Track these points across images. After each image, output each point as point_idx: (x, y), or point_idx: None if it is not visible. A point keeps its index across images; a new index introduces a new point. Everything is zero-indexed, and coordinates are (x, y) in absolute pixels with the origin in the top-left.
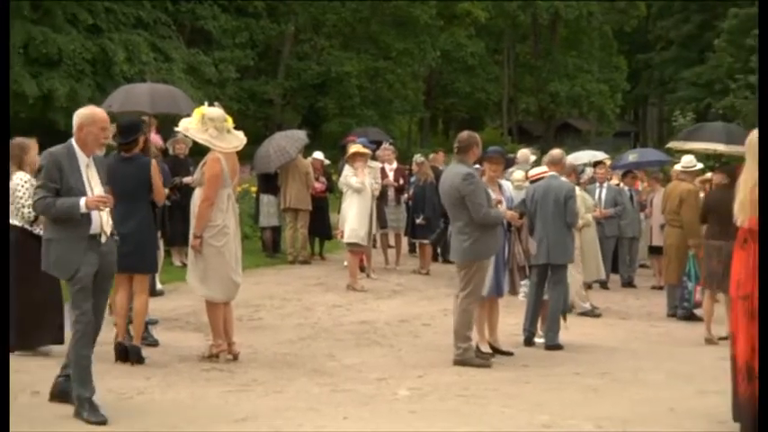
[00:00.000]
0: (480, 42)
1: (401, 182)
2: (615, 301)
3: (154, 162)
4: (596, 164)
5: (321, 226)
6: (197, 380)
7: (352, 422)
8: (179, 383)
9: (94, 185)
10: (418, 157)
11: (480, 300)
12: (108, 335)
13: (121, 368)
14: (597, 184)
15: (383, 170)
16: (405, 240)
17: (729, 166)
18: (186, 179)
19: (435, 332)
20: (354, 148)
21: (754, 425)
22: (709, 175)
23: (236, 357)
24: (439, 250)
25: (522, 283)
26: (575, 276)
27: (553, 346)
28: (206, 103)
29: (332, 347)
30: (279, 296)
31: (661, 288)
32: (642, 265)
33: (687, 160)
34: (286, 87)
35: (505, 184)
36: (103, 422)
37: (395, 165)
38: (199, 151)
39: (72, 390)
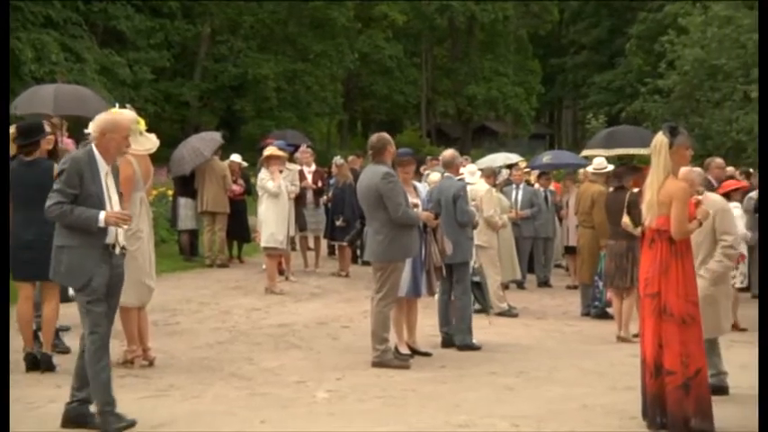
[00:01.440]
0: (398, 45)
1: (320, 184)
2: (531, 301)
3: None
4: (511, 166)
5: (239, 229)
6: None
7: (271, 426)
8: None
9: (112, 194)
10: (337, 159)
11: (397, 301)
12: (18, 342)
13: (32, 377)
14: (513, 186)
15: (302, 172)
16: (324, 243)
17: (622, 169)
18: None
19: (354, 334)
20: (269, 150)
21: (660, 420)
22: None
23: (151, 363)
24: (358, 252)
25: (439, 283)
26: (492, 277)
27: (466, 346)
28: (117, 105)
29: (250, 351)
30: (196, 300)
31: (576, 287)
32: (557, 265)
33: (598, 162)
34: (203, 89)
35: (420, 185)
36: (133, 423)
37: (313, 167)
38: None
39: (93, 408)
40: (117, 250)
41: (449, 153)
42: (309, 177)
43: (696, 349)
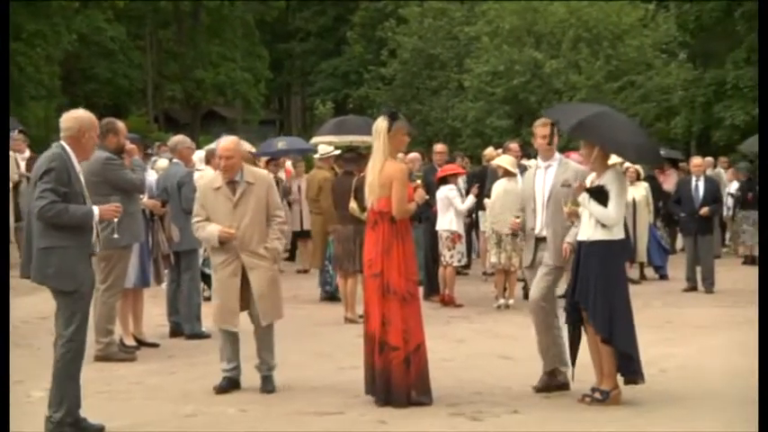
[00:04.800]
0: (120, 27)
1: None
2: None
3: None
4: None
5: None
6: None
7: None
8: None
9: (86, 191)
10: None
11: (123, 291)
12: None
13: None
14: None
15: (16, 160)
16: None
17: (349, 155)
18: None
19: None
20: None
21: (387, 395)
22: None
23: None
24: None
25: (167, 271)
26: None
27: (194, 334)
28: None
29: None
30: None
31: (306, 272)
32: (288, 250)
33: (322, 149)
34: None
35: (148, 172)
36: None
37: (27, 153)
38: None
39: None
40: (97, 249)
41: (177, 138)
42: (23, 165)
43: (415, 325)
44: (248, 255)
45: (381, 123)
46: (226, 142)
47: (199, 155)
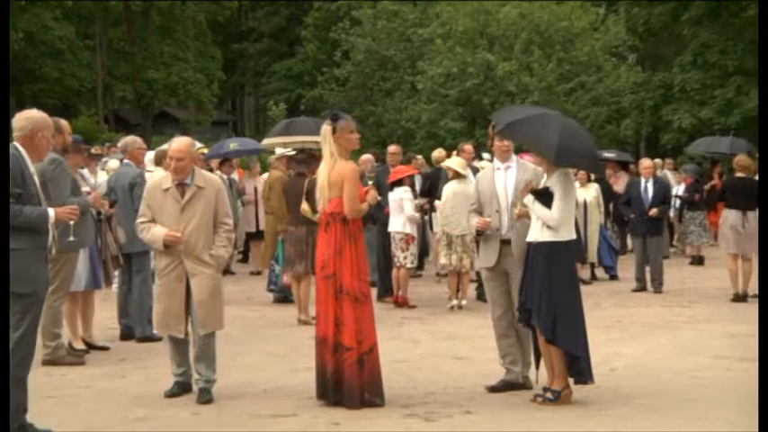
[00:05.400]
0: (69, 26)
1: None
2: None
3: None
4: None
5: None
6: None
7: None
8: None
9: (41, 193)
10: None
11: (71, 294)
12: None
13: None
14: None
15: None
16: None
17: (302, 156)
18: None
19: None
20: None
21: (340, 396)
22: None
23: None
24: None
25: (117, 273)
26: None
27: (146, 337)
28: None
29: None
30: None
31: (259, 273)
32: (241, 252)
33: (279, 150)
34: None
35: (89, 172)
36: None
37: None
38: None
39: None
40: (53, 251)
41: (128, 139)
42: None
43: (369, 326)
44: (192, 260)
45: (325, 128)
46: (178, 143)
47: (149, 156)
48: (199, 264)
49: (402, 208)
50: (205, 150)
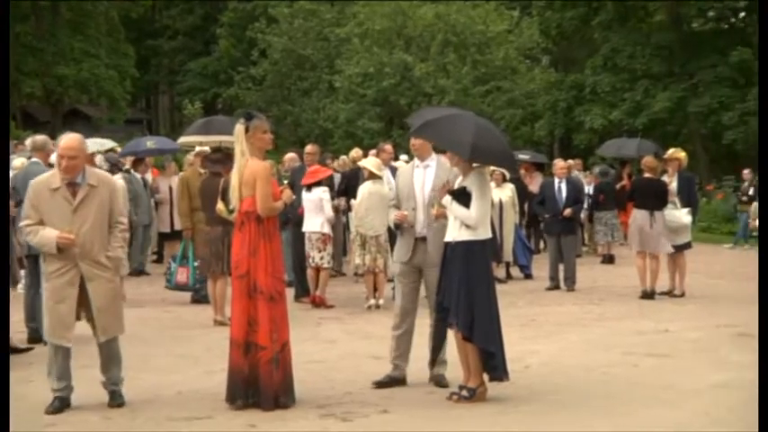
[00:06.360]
0: None
1: None
2: (126, 289)
3: None
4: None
5: None
6: None
7: None
8: None
9: None
10: None
11: None
12: None
13: None
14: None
15: None
16: None
17: (217, 156)
18: None
19: None
20: None
21: (255, 397)
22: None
23: None
24: None
25: (23, 274)
26: None
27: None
28: None
29: None
30: None
31: None
32: (155, 252)
33: (199, 147)
34: None
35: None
36: None
37: None
38: None
39: None
40: None
41: (40, 138)
42: None
43: (282, 324)
44: (88, 264)
45: (239, 127)
46: (70, 140)
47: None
48: (96, 267)
49: (320, 208)
50: (118, 149)
